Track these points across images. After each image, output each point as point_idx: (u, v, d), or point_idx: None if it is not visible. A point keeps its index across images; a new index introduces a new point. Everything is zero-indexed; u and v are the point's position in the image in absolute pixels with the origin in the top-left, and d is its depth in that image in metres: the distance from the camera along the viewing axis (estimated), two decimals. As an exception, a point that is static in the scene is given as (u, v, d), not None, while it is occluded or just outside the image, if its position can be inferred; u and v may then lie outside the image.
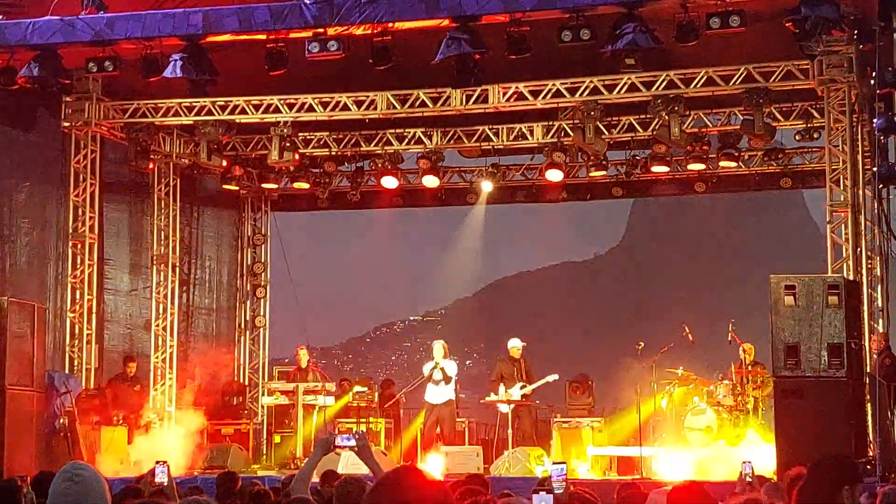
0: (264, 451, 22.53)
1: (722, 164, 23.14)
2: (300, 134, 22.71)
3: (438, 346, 20.72)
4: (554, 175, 23.18)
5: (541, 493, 6.69)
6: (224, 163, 23.44)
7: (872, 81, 16.87)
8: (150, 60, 19.06)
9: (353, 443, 7.50)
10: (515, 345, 21.00)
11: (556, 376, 20.83)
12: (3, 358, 17.26)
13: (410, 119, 22.14)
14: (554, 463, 8.16)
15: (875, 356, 16.77)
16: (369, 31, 18.26)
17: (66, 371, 20.47)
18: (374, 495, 3.84)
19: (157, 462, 8.74)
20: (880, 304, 18.39)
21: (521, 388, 20.44)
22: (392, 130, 23.01)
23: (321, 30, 18.15)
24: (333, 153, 23.78)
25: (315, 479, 10.02)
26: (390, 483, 3.88)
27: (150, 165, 22.62)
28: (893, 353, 16.93)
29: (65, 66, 19.40)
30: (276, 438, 22.02)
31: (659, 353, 21.00)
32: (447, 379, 20.33)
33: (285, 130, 21.78)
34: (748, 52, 18.92)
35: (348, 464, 16.10)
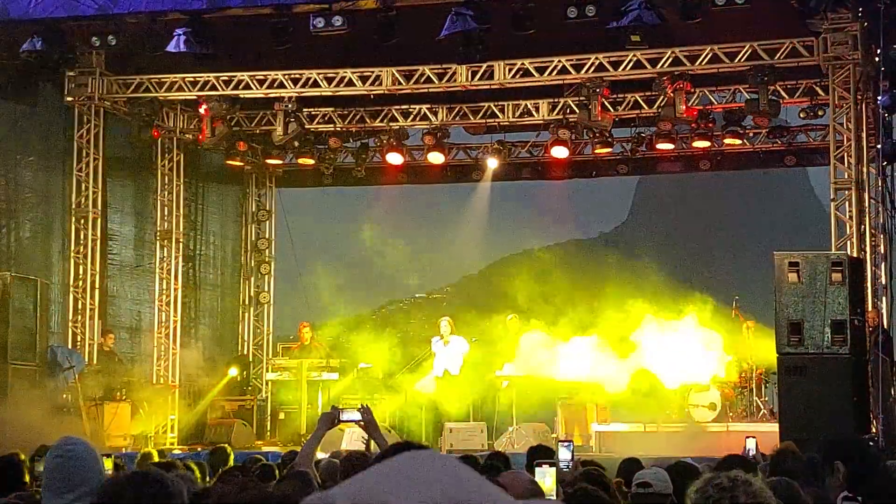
0: (268, 427, 22.58)
1: (727, 141, 23.09)
2: (305, 109, 22.64)
3: (445, 323, 20.78)
4: (559, 152, 23.14)
5: (543, 466, 6.66)
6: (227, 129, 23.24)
7: (877, 59, 16.81)
8: (153, 35, 19.01)
9: (357, 417, 7.47)
10: (510, 319, 21.12)
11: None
12: (6, 333, 17.28)
13: (416, 95, 22.08)
14: (560, 440, 8.15)
15: (869, 333, 16.76)
16: (374, 7, 18.20)
17: (70, 346, 20.49)
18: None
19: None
20: (884, 282, 18.37)
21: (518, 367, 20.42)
22: (397, 106, 22.95)
23: (326, 5, 18.09)
24: (338, 129, 23.72)
25: (321, 453, 10.03)
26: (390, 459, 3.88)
27: (155, 137, 22.57)
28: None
29: (68, 40, 19.35)
30: (281, 415, 22.06)
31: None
32: (454, 355, 20.39)
33: (290, 106, 21.73)
34: (753, 29, 18.85)
35: (352, 440, 16.12)
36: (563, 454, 7.98)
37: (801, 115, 22.38)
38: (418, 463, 1.73)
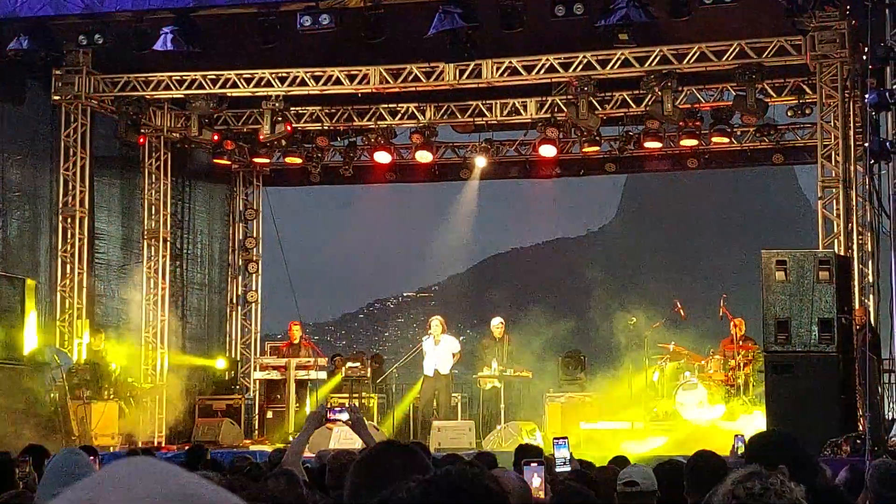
0: (256, 427, 22.54)
1: (714, 139, 23.12)
2: (292, 108, 22.62)
3: (436, 322, 20.73)
4: (547, 151, 23.15)
5: (532, 464, 6.64)
6: (215, 137, 23.31)
7: (864, 57, 16.82)
8: (140, 33, 18.97)
9: (345, 416, 7.44)
10: (495, 323, 21.04)
11: (528, 375, 20.77)
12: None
13: (403, 94, 22.07)
14: (555, 438, 8.06)
15: (856, 331, 16.80)
16: (362, 5, 18.18)
17: (57, 346, 20.44)
18: (359, 469, 3.84)
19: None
20: (871, 280, 18.42)
21: (500, 371, 20.35)
22: (385, 105, 22.94)
23: (313, 3, 18.07)
24: (326, 128, 23.70)
25: (308, 453, 10.01)
26: (374, 459, 3.88)
27: (141, 139, 22.57)
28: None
29: (55, 38, 19.29)
30: (269, 413, 22.03)
31: (651, 328, 21.05)
32: (444, 354, 20.36)
33: (277, 104, 21.71)
34: (741, 27, 18.88)
35: (340, 438, 16.11)
36: (561, 452, 7.88)
37: (789, 114, 22.42)
38: (134, 469, 1.73)
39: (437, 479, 2.56)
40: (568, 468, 7.67)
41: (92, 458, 9.60)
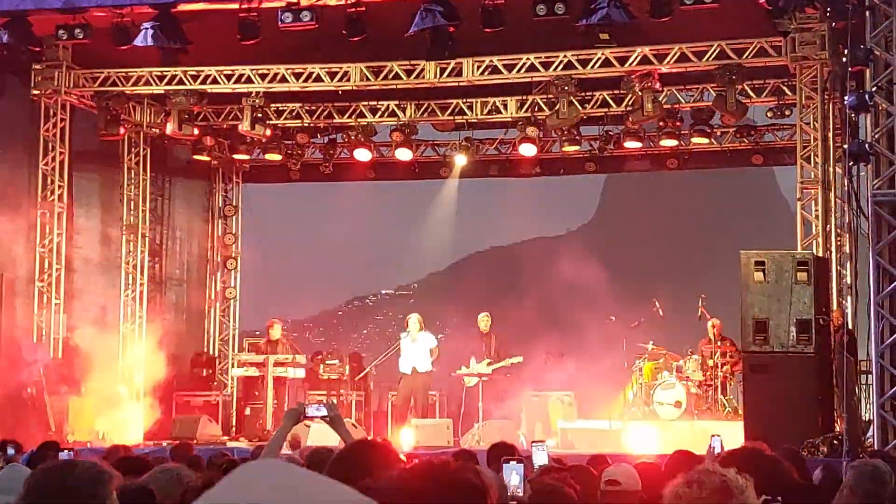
0: (234, 423, 22.50)
1: (694, 140, 23.17)
2: (272, 105, 22.57)
3: (414, 320, 20.73)
4: (527, 150, 23.16)
5: (511, 462, 6.64)
6: (195, 131, 23.21)
7: (844, 59, 16.88)
8: (121, 29, 18.89)
9: (323, 413, 7.42)
10: (480, 317, 21.06)
11: (520, 358, 20.79)
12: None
13: (384, 91, 22.03)
14: (534, 441, 8.05)
15: (834, 332, 16.86)
16: (343, 2, 18.15)
17: (35, 341, 20.36)
18: (336, 466, 3.84)
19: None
20: (849, 281, 18.48)
21: (488, 364, 20.42)
22: (365, 102, 22.91)
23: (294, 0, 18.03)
24: (306, 125, 23.66)
25: (286, 449, 9.99)
26: (350, 455, 3.89)
27: (122, 132, 22.46)
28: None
29: (35, 33, 19.20)
30: (247, 410, 22.01)
31: (629, 328, 21.10)
32: (422, 351, 20.36)
33: (257, 101, 21.65)
34: (722, 28, 18.92)
35: (318, 435, 16.08)
36: (539, 457, 7.84)
37: (769, 115, 22.50)
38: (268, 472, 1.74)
39: (418, 469, 2.58)
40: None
41: (66, 452, 9.59)
